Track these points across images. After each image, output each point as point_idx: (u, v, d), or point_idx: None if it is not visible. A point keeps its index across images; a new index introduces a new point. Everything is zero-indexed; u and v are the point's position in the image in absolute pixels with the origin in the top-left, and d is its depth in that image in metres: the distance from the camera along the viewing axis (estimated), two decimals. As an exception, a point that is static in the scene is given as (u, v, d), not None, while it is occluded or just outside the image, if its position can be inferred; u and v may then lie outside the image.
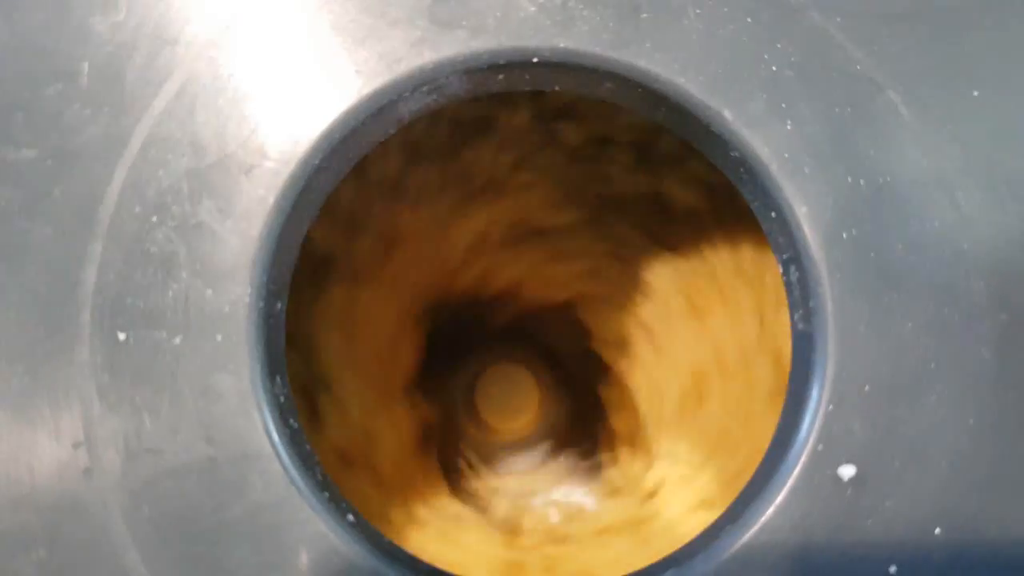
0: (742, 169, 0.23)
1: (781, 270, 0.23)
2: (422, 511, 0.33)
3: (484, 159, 0.34)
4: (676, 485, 0.35)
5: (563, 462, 0.38)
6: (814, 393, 0.22)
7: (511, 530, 0.35)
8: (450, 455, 0.37)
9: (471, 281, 0.36)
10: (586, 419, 0.38)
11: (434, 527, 0.32)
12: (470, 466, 0.37)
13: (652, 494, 0.35)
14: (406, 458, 0.34)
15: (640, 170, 0.34)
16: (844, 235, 0.22)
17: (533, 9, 0.22)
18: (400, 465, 0.34)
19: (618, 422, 0.37)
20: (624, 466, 0.36)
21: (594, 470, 0.37)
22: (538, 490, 0.37)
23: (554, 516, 0.36)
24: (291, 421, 0.21)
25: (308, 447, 0.22)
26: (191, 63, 0.22)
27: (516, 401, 0.38)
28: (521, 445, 0.38)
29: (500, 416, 0.38)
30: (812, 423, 0.21)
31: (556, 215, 0.35)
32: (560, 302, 0.37)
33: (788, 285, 0.23)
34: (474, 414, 0.39)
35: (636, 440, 0.36)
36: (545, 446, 0.38)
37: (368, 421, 0.33)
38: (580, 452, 0.38)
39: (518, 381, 0.38)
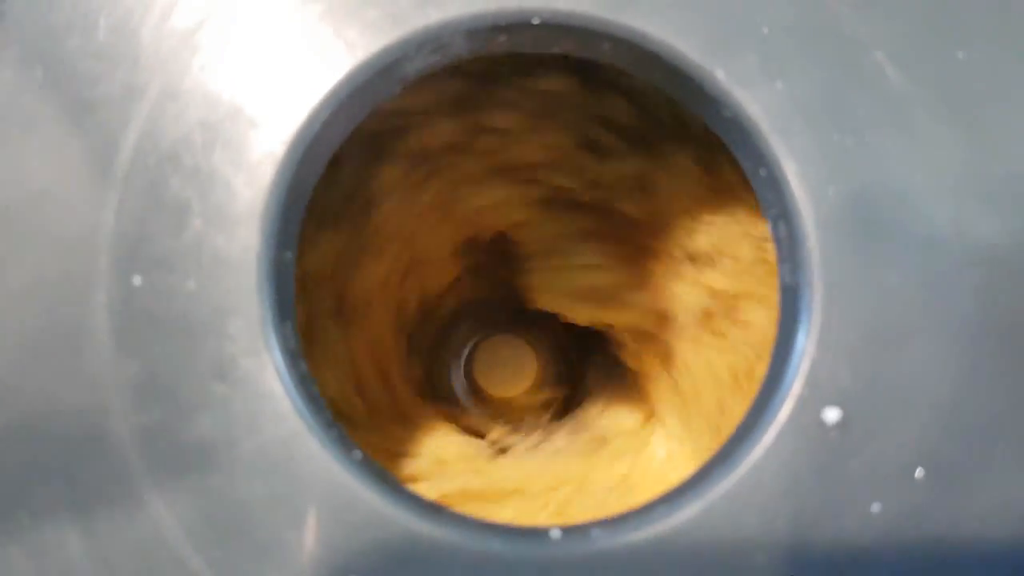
0: (733, 128, 0.24)
1: (770, 226, 0.24)
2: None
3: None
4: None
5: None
6: (800, 341, 0.22)
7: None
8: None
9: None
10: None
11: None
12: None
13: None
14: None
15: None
16: (831, 191, 0.23)
17: (534, -29, 0.23)
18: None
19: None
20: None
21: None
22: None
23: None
24: (300, 365, 0.22)
25: (316, 391, 0.22)
26: (204, 19, 0.23)
27: (514, 370, 0.39)
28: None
29: (499, 385, 0.39)
30: (798, 369, 0.22)
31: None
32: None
33: (776, 240, 0.24)
34: (472, 384, 0.40)
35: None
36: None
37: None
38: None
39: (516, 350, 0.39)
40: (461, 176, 0.34)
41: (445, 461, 0.34)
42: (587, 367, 0.40)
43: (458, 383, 0.40)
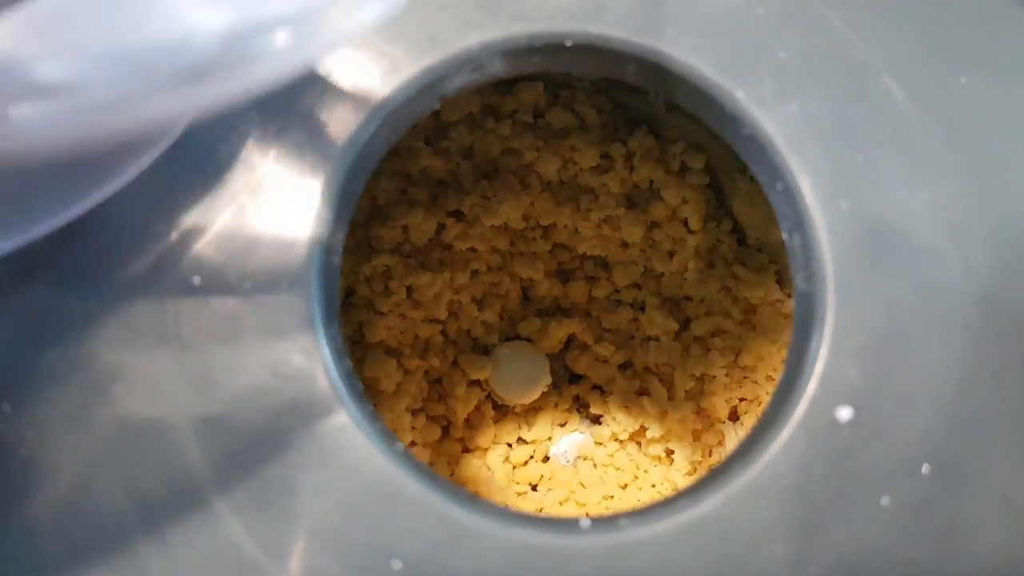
0: (751, 145, 0.25)
1: (785, 236, 0.25)
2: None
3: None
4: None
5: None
6: (814, 344, 0.24)
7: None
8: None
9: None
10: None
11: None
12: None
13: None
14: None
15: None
16: (842, 204, 0.24)
17: (568, -3, 0.25)
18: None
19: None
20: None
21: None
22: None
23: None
24: (346, 361, 0.24)
25: (361, 387, 0.24)
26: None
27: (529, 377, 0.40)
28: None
29: (514, 394, 0.40)
30: (812, 371, 0.24)
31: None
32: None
33: (791, 250, 0.25)
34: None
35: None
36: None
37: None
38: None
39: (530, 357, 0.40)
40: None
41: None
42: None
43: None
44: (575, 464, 0.40)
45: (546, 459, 0.40)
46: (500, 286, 0.39)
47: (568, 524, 0.23)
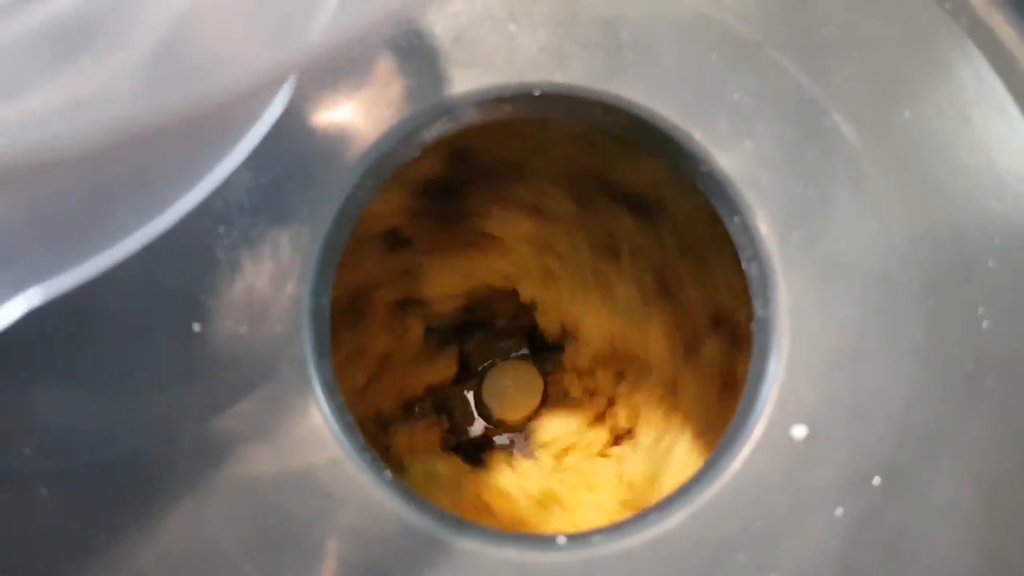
0: (710, 181, 0.27)
1: (744, 266, 0.27)
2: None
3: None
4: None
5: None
6: (771, 367, 0.26)
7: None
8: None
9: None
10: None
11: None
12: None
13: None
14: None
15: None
16: (795, 235, 0.26)
17: (534, 50, 0.27)
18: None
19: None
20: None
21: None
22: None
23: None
24: (337, 397, 0.26)
25: (351, 419, 0.26)
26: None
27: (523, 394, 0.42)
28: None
29: (510, 410, 0.42)
30: (770, 391, 0.26)
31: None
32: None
33: (749, 279, 0.27)
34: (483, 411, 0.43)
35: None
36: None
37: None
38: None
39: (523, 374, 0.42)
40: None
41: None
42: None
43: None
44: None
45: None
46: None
47: (546, 541, 0.25)
